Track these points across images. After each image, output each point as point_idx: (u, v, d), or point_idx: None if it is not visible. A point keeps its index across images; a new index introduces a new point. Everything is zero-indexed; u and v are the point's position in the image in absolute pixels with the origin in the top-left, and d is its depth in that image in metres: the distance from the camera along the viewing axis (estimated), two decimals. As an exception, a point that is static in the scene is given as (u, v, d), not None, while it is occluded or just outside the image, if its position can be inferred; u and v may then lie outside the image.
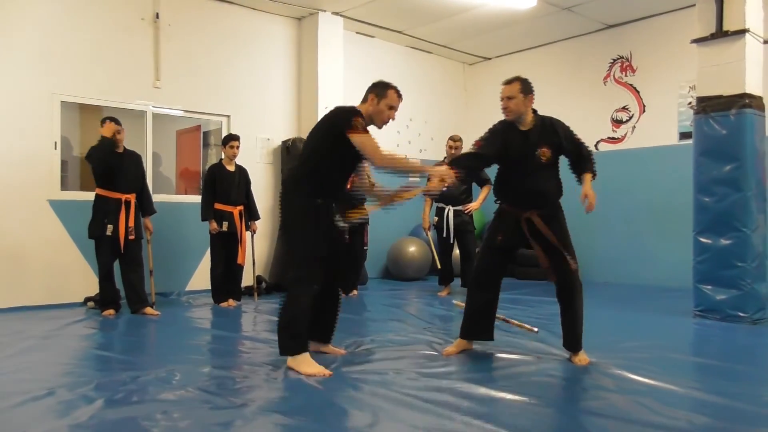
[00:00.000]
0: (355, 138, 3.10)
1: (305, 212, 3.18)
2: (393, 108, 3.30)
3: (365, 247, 6.54)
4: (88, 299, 5.46)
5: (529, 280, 7.36)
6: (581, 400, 2.72)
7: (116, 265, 5.03)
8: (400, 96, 3.33)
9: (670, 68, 7.03)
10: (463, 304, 3.59)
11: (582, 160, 3.38)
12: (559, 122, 3.39)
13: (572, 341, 3.34)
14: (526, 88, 3.28)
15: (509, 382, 2.94)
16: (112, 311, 4.99)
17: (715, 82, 4.76)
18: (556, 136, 3.31)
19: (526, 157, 3.28)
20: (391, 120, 3.35)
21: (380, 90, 3.28)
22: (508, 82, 3.31)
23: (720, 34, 4.72)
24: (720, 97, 4.70)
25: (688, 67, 5.86)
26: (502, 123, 3.42)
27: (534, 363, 3.31)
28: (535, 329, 3.50)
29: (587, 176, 3.36)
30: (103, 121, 4.96)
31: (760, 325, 4.51)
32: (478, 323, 3.49)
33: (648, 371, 3.08)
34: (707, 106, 4.76)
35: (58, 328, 4.43)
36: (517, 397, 2.68)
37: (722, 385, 2.88)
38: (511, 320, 3.67)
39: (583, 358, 3.30)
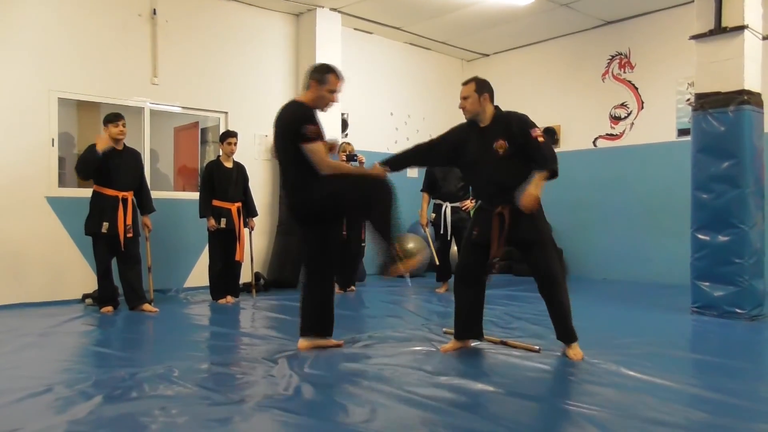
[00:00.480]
0: (308, 148, 3.24)
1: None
2: (334, 92, 3.38)
3: (363, 244, 6.54)
4: (86, 296, 5.45)
5: (527, 276, 7.36)
6: (578, 396, 2.72)
7: (114, 262, 5.02)
8: (339, 78, 3.39)
9: (668, 65, 7.03)
10: (452, 331, 3.64)
11: (534, 154, 3.24)
12: (517, 116, 3.36)
13: (563, 332, 3.36)
14: (480, 88, 3.37)
15: (506, 378, 2.94)
16: (110, 308, 4.99)
17: (713, 78, 4.74)
18: (510, 128, 3.31)
19: (484, 152, 3.34)
20: (333, 103, 3.41)
21: (320, 75, 3.36)
22: (465, 83, 3.43)
23: (719, 30, 4.71)
24: (718, 93, 4.69)
25: (687, 63, 5.85)
26: (467, 122, 3.50)
27: (530, 359, 3.31)
28: (537, 348, 3.49)
29: (537, 176, 3.19)
30: (105, 122, 4.88)
31: (758, 322, 4.51)
32: (468, 323, 3.54)
33: (645, 367, 3.09)
34: (705, 102, 4.75)
35: (56, 325, 4.43)
36: (513, 393, 2.69)
37: (719, 382, 2.89)
38: (509, 341, 3.66)
39: (577, 352, 3.31)
